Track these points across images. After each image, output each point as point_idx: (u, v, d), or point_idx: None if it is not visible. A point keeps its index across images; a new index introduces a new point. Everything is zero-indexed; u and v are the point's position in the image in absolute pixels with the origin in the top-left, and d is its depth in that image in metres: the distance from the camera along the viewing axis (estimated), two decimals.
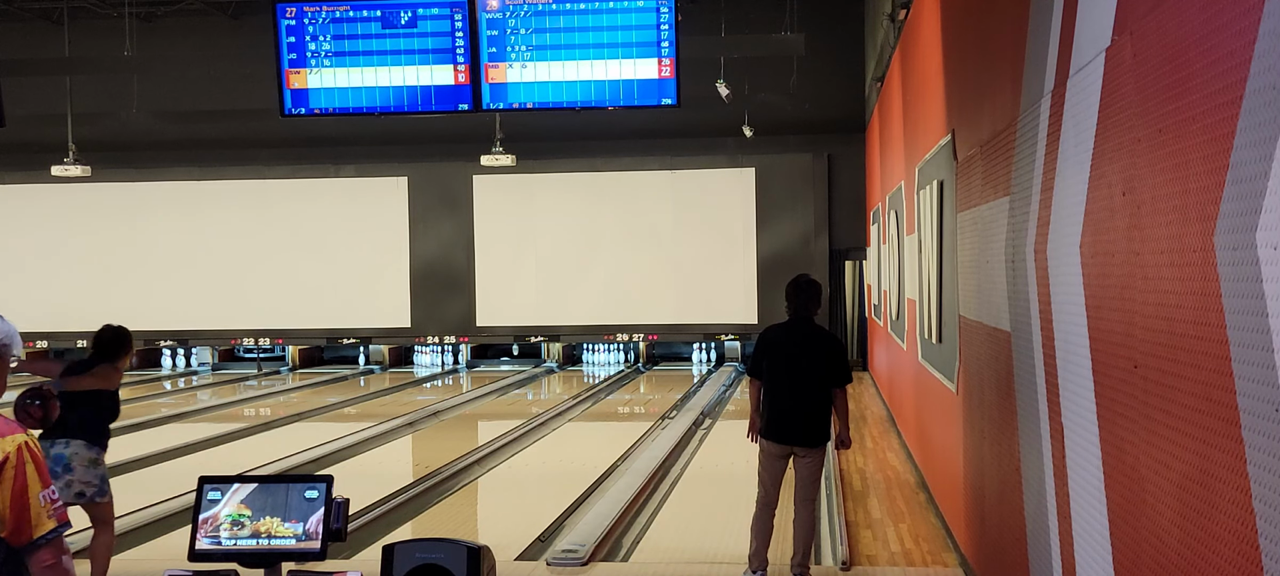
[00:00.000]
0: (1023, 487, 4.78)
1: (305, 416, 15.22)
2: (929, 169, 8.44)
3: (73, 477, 6.02)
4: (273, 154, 20.88)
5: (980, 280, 5.88)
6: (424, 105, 7.29)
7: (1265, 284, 2.26)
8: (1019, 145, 4.71)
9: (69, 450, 6.04)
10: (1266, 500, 2.28)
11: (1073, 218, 3.77)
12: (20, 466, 3.01)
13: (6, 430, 3.05)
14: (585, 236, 20.55)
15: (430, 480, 10.23)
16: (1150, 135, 2.97)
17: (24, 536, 3.01)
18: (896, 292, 12.11)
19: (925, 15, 8.92)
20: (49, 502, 3.04)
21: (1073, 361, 3.84)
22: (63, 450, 6.03)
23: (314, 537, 3.83)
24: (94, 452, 6.11)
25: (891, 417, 13.43)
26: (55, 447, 6.00)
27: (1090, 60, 3.53)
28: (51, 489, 3.07)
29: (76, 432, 6.05)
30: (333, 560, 3.97)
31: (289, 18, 7.29)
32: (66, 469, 6.01)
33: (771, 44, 16.19)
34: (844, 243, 20.20)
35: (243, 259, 21.20)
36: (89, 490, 6.07)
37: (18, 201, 21.43)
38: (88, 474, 6.07)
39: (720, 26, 16.48)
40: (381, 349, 22.07)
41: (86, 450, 6.08)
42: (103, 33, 19.04)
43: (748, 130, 18.53)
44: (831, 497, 9.16)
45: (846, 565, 6.91)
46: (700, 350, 21.50)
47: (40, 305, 20.82)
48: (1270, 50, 2.23)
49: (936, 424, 8.39)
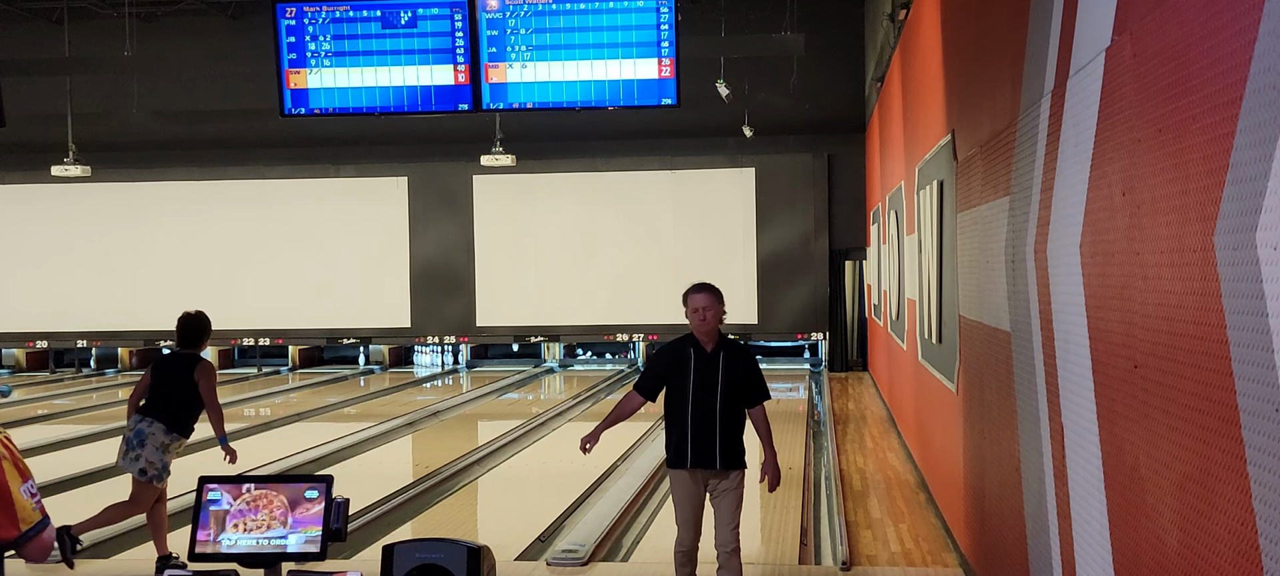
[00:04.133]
0: (1023, 487, 4.78)
1: (305, 416, 15.22)
2: (929, 169, 8.44)
3: (141, 453, 6.58)
4: (273, 154, 20.87)
5: (980, 280, 5.88)
6: (424, 105, 7.29)
7: (1265, 284, 2.26)
8: (1019, 145, 4.71)
9: (149, 428, 6.61)
10: (1266, 500, 2.28)
11: (1073, 218, 3.77)
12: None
13: None
14: (585, 236, 20.55)
15: (430, 480, 10.23)
16: (1150, 135, 2.97)
17: (11, 531, 3.07)
18: (896, 293, 12.11)
19: (925, 15, 8.92)
20: (30, 496, 3.11)
21: (1073, 361, 3.84)
22: (143, 426, 6.61)
23: (314, 537, 3.83)
24: (171, 438, 6.66)
25: (891, 417, 13.43)
26: (140, 422, 6.62)
27: (1090, 60, 3.53)
28: (31, 482, 3.14)
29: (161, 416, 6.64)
30: (333, 560, 3.97)
31: (289, 18, 7.29)
32: (140, 443, 6.59)
33: (771, 44, 16.19)
34: (844, 243, 20.20)
35: (243, 259, 21.20)
36: (151, 470, 6.60)
37: (18, 201, 21.43)
38: (155, 455, 6.60)
39: (720, 26, 16.48)
40: (381, 349, 22.07)
41: (164, 434, 6.62)
42: (103, 33, 19.04)
43: (748, 130, 18.53)
44: (831, 497, 9.16)
45: (846, 565, 6.91)
46: None
47: (40, 305, 20.82)
48: (1270, 50, 2.23)
49: (936, 424, 8.38)
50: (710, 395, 5.56)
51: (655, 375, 5.78)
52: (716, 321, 5.66)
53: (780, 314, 20.32)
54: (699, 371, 5.59)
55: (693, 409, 5.57)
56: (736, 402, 5.61)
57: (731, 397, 5.59)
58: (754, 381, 5.69)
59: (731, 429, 5.61)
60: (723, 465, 5.60)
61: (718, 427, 5.56)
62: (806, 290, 20.22)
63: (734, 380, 5.60)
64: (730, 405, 5.59)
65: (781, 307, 20.29)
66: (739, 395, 5.62)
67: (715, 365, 5.58)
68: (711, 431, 5.57)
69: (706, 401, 5.56)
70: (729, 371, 5.60)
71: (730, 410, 5.59)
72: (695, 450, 5.58)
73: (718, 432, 5.56)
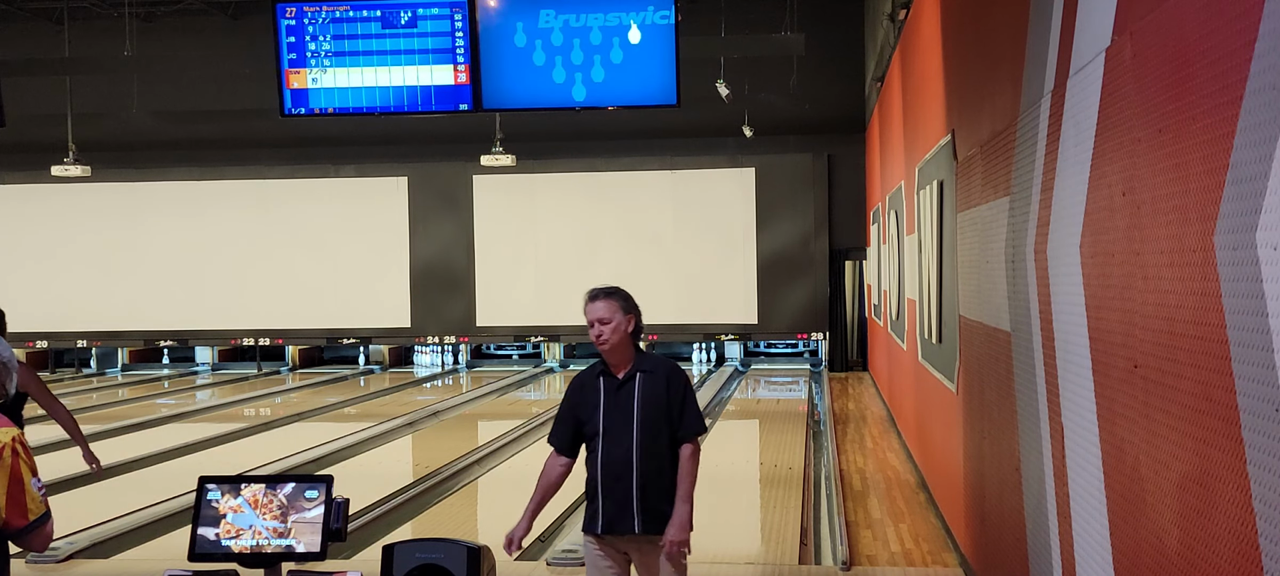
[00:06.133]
0: (1022, 487, 4.78)
1: (305, 416, 15.22)
2: (929, 169, 8.44)
3: None
4: (273, 154, 20.88)
5: (980, 280, 5.88)
6: (424, 105, 7.30)
7: (1265, 284, 2.26)
8: (1019, 145, 4.71)
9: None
10: (1266, 500, 2.28)
11: (1073, 218, 3.77)
12: (15, 458, 3.33)
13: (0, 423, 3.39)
14: (585, 236, 20.55)
15: (430, 480, 10.23)
16: (1150, 135, 2.97)
17: (19, 521, 3.35)
18: (896, 293, 12.11)
19: (925, 15, 8.92)
20: (38, 489, 3.40)
21: (1073, 361, 3.84)
22: None
23: (314, 538, 3.83)
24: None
25: (891, 417, 13.43)
26: None
27: (1090, 60, 3.53)
28: (38, 478, 3.42)
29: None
30: (333, 560, 3.97)
31: (289, 18, 7.29)
32: None
33: (771, 44, 16.19)
34: (844, 243, 20.20)
35: (243, 259, 21.20)
36: None
37: (18, 201, 21.43)
38: None
39: (720, 26, 16.48)
40: (381, 349, 22.07)
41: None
42: (103, 33, 19.04)
43: (748, 130, 18.53)
44: (831, 497, 9.16)
45: (846, 565, 6.91)
46: (700, 350, 21.50)
47: (40, 305, 20.82)
48: (1270, 50, 2.23)
49: (936, 424, 8.38)
50: (622, 436, 4.21)
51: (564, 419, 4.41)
52: (622, 337, 4.27)
53: (780, 314, 20.32)
54: (609, 407, 4.27)
55: (602, 456, 4.26)
56: (660, 441, 4.23)
57: (652, 436, 4.22)
58: (681, 409, 4.27)
59: (655, 478, 4.23)
60: (645, 528, 4.24)
61: (635, 479, 4.21)
62: (806, 290, 20.22)
63: (653, 412, 4.23)
64: (651, 446, 4.21)
65: (781, 308, 20.29)
66: (662, 431, 4.23)
67: (628, 395, 4.25)
68: (626, 485, 4.21)
69: (617, 446, 4.22)
70: (646, 400, 4.24)
71: (651, 453, 4.21)
72: (606, 511, 4.26)
73: (635, 485, 4.21)
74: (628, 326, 4.25)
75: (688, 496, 4.24)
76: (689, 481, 4.25)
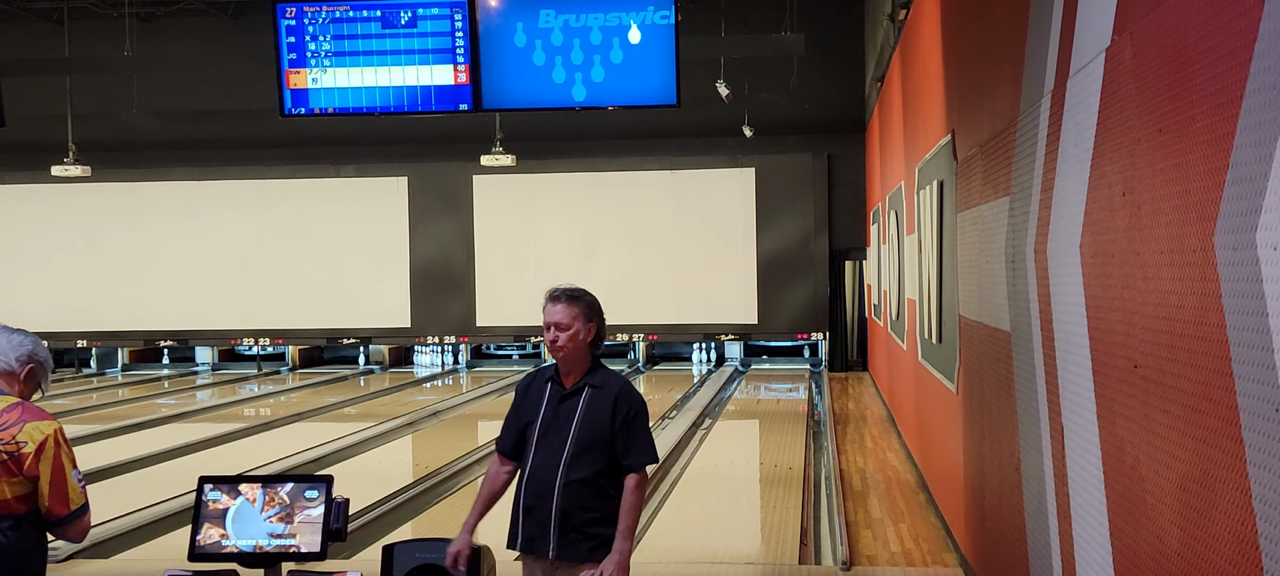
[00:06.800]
0: (1022, 487, 4.78)
1: (305, 416, 15.22)
2: (929, 169, 8.44)
3: None
4: (273, 154, 20.88)
5: (980, 280, 5.88)
6: (424, 105, 7.30)
7: (1265, 284, 2.26)
8: (1019, 145, 4.71)
9: None
10: (1266, 500, 2.28)
11: (1073, 218, 3.77)
12: (57, 449, 3.46)
13: (41, 416, 3.51)
14: (585, 236, 20.55)
15: (430, 480, 10.23)
16: (1150, 135, 2.97)
17: (61, 509, 3.47)
18: (896, 293, 12.11)
19: (925, 15, 8.92)
20: (77, 481, 3.52)
21: (1073, 361, 3.84)
22: None
23: (314, 538, 3.83)
24: None
25: (891, 417, 13.43)
26: None
27: (1090, 60, 3.53)
28: (78, 470, 3.54)
29: None
30: (333, 560, 3.97)
31: (289, 18, 7.30)
32: None
33: (771, 44, 16.18)
34: (844, 243, 20.20)
35: (243, 259, 21.20)
36: None
37: (18, 201, 21.42)
38: None
39: (720, 26, 16.48)
40: (381, 349, 22.07)
41: None
42: (103, 33, 19.04)
43: (748, 130, 18.53)
44: (831, 497, 9.16)
45: (847, 565, 6.91)
46: (700, 350, 21.51)
47: (40, 305, 20.80)
48: (1270, 50, 2.23)
49: (936, 424, 8.38)
50: (554, 451, 3.89)
51: (510, 423, 4.11)
52: (578, 346, 3.96)
53: (780, 314, 20.32)
54: (549, 415, 3.95)
55: (530, 468, 3.94)
56: (593, 463, 3.87)
57: (587, 455, 3.87)
58: (628, 435, 3.89)
59: (580, 501, 3.86)
60: (559, 554, 3.87)
61: (556, 501, 3.86)
62: (806, 290, 20.22)
63: (590, 432, 3.88)
64: (582, 465, 3.86)
65: (781, 307, 20.28)
66: (601, 453, 3.87)
67: (571, 409, 3.93)
68: (547, 506, 3.87)
69: (547, 457, 3.90)
70: (587, 418, 3.90)
71: (579, 472, 3.86)
72: (526, 527, 3.93)
73: (555, 508, 3.86)
74: (587, 335, 3.95)
75: (629, 531, 3.86)
76: (631, 516, 3.86)
